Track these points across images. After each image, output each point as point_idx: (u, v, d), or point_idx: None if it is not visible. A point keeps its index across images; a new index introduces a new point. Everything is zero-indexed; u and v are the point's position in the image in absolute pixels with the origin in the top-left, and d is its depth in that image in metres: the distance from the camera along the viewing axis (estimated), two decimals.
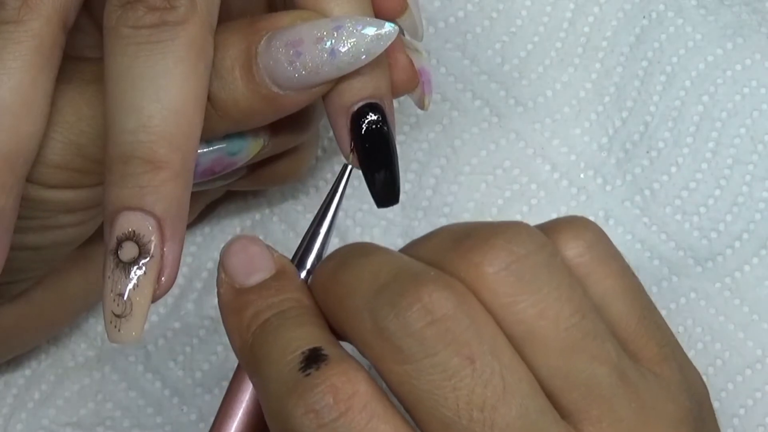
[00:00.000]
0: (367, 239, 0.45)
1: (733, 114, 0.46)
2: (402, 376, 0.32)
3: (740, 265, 0.45)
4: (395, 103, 0.47)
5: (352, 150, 0.36)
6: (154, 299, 0.34)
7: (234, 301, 0.35)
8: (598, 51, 0.47)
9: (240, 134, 0.38)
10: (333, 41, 0.35)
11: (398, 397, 0.32)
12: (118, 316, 0.33)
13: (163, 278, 0.34)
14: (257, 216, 0.46)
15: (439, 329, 0.32)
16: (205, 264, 0.46)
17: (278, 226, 0.46)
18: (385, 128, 0.36)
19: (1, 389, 0.44)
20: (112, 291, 0.33)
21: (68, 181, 0.36)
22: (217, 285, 0.35)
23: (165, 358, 0.45)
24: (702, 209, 0.46)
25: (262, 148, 0.39)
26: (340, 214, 0.46)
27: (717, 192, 0.46)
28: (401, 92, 0.39)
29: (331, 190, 0.37)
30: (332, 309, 0.34)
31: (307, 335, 0.33)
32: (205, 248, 0.46)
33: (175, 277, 0.34)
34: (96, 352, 0.45)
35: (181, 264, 0.45)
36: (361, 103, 0.36)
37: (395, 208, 0.46)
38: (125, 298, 0.33)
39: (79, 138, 0.36)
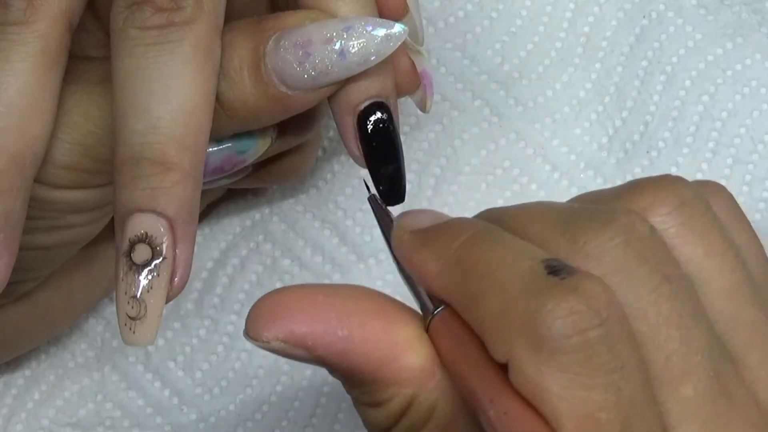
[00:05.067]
0: (367, 239, 0.45)
1: (733, 114, 0.46)
2: None
3: None
4: None
5: (358, 149, 0.36)
6: (168, 300, 0.33)
7: (424, 235, 0.33)
8: (598, 51, 0.47)
9: (248, 133, 0.38)
10: (342, 42, 0.35)
11: None
12: (132, 318, 0.33)
13: (176, 279, 0.34)
14: (257, 216, 0.46)
15: (639, 245, 0.31)
16: (205, 264, 0.46)
17: (278, 226, 0.46)
18: (391, 127, 0.36)
19: (0, 389, 0.44)
20: (125, 293, 0.33)
21: (76, 182, 0.36)
22: (394, 241, 0.33)
23: (165, 359, 0.45)
24: None
25: (270, 146, 0.39)
26: (339, 213, 0.46)
27: None
28: (403, 94, 0.39)
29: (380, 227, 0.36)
30: (510, 231, 0.32)
31: (535, 249, 0.31)
32: (205, 248, 0.46)
33: (187, 278, 0.34)
34: (96, 353, 0.45)
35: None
36: (367, 102, 0.36)
37: (395, 208, 0.46)
38: (139, 300, 0.33)
39: (87, 139, 0.36)
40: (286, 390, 0.44)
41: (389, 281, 0.45)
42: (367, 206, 0.46)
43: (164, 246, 0.33)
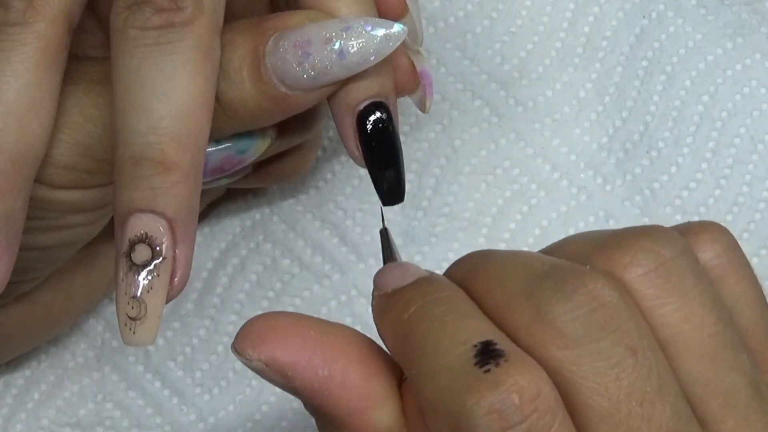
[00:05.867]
0: (367, 239, 0.45)
1: (733, 114, 0.46)
2: (562, 362, 0.31)
3: None
4: None
5: (357, 149, 0.36)
6: (168, 300, 0.34)
7: (386, 301, 0.33)
8: (598, 51, 0.47)
9: (248, 133, 0.38)
10: (342, 42, 0.35)
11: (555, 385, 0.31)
12: (132, 318, 0.33)
13: (176, 279, 0.34)
14: (257, 216, 0.46)
15: (603, 316, 0.31)
16: (205, 264, 0.46)
17: (278, 226, 0.46)
18: (391, 127, 0.36)
19: (0, 389, 0.44)
20: (126, 294, 0.33)
21: (76, 182, 0.36)
22: (372, 304, 0.34)
23: (165, 359, 0.45)
24: (702, 209, 0.46)
25: (269, 146, 0.39)
26: (339, 213, 0.46)
27: (717, 192, 0.46)
28: (402, 94, 0.39)
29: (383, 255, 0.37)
30: (479, 299, 0.32)
31: (474, 327, 0.31)
32: (205, 248, 0.46)
33: (187, 278, 0.34)
34: (96, 353, 0.45)
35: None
36: (366, 102, 0.36)
37: (395, 207, 0.46)
38: (139, 300, 0.33)
39: (87, 139, 0.36)
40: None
41: None
42: (367, 206, 0.46)
43: (164, 246, 0.33)
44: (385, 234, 0.37)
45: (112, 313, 0.45)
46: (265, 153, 0.39)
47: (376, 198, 0.45)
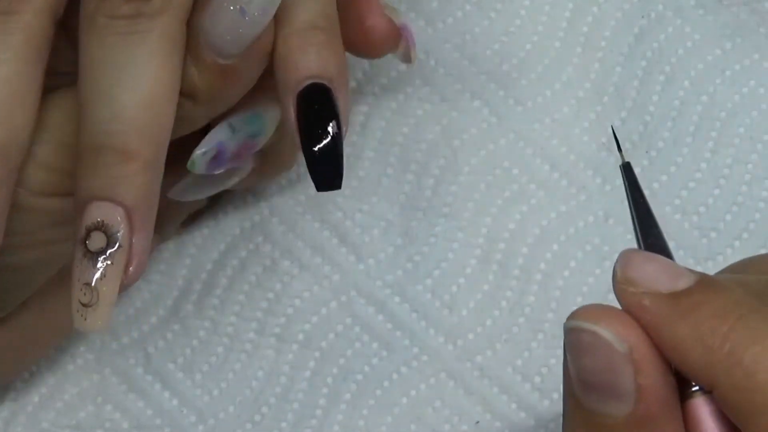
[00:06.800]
0: (366, 240, 0.45)
1: (732, 114, 0.46)
2: None
3: None
4: (393, 103, 0.47)
5: (297, 130, 0.36)
6: (121, 289, 0.34)
7: (674, 307, 0.30)
8: (596, 51, 0.47)
9: (253, 115, 0.38)
10: (236, 1, 0.35)
11: None
12: (84, 305, 0.33)
13: (131, 268, 0.34)
14: (257, 217, 0.46)
15: None
16: (205, 265, 0.45)
17: (278, 228, 0.46)
18: (329, 110, 0.36)
19: (0, 392, 0.44)
20: (79, 280, 0.33)
21: (56, 186, 0.36)
22: (618, 293, 0.31)
23: (165, 360, 0.45)
24: (702, 209, 0.46)
25: (277, 122, 0.39)
26: (339, 214, 0.46)
27: (716, 191, 0.46)
28: (386, 52, 0.40)
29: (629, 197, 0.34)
30: None
31: None
32: (204, 250, 0.46)
33: (143, 268, 0.34)
34: (95, 355, 0.45)
35: (180, 265, 0.45)
36: (307, 83, 0.36)
37: (395, 208, 0.46)
38: (92, 287, 0.33)
39: (69, 138, 0.35)
40: (285, 392, 0.44)
41: (389, 281, 0.45)
42: (367, 207, 0.46)
43: (120, 234, 0.33)
44: (627, 169, 0.34)
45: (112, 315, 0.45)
46: (275, 134, 0.39)
47: (376, 198, 0.46)
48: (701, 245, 0.45)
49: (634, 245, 0.45)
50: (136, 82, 0.33)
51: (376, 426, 0.44)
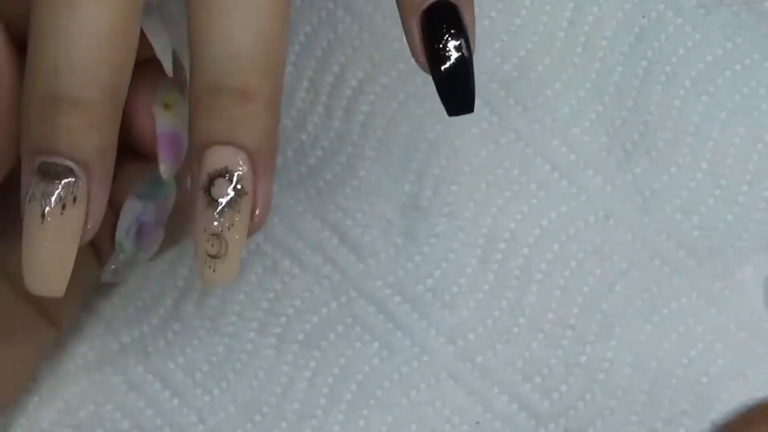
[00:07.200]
0: (367, 240, 0.45)
1: (732, 113, 0.46)
2: None
3: (741, 264, 0.45)
4: (394, 102, 0.47)
5: (422, 54, 0.34)
6: (249, 236, 0.32)
7: None
8: (597, 50, 0.47)
9: (152, 176, 0.36)
10: None
11: None
12: (212, 256, 0.32)
13: (256, 215, 0.32)
14: None
15: None
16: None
17: (278, 228, 0.46)
18: (456, 24, 0.34)
19: None
20: (205, 230, 0.32)
21: None
22: None
23: (165, 360, 0.45)
24: (702, 209, 0.46)
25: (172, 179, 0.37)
26: (339, 214, 0.46)
27: (717, 192, 0.46)
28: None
29: None
30: None
31: None
32: None
33: (268, 215, 0.32)
34: (96, 354, 0.45)
35: (181, 265, 0.45)
36: (431, 1, 0.34)
37: (395, 208, 0.46)
38: (220, 237, 0.32)
39: None
40: (285, 392, 0.44)
41: (389, 281, 0.45)
42: (367, 207, 0.46)
43: (245, 181, 0.32)
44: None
45: (113, 315, 0.45)
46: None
47: (376, 198, 0.45)
48: (702, 245, 0.45)
49: (635, 245, 0.46)
50: (252, 20, 0.31)
51: (377, 426, 0.44)
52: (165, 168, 0.35)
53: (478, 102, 0.47)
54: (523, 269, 0.45)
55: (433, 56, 0.34)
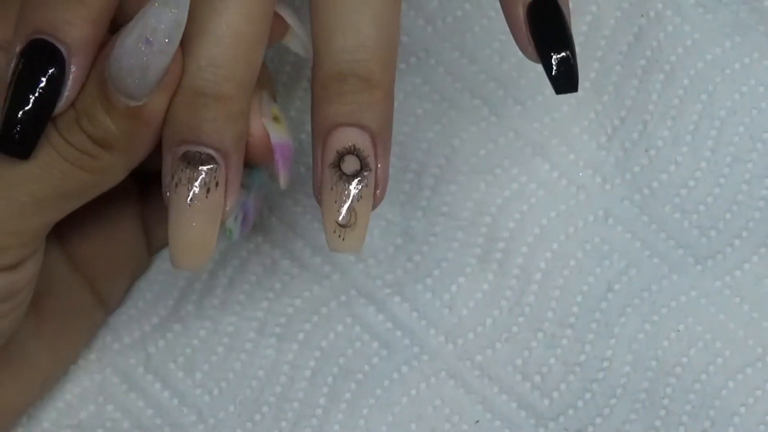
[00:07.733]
0: (366, 239, 0.45)
1: (732, 112, 0.46)
2: None
3: (740, 263, 0.45)
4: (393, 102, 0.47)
5: (529, 41, 0.36)
6: (372, 209, 0.36)
7: None
8: (596, 50, 0.47)
9: (252, 168, 0.39)
10: (140, 32, 0.34)
11: None
12: (342, 226, 0.35)
13: (377, 192, 0.36)
14: (257, 217, 0.46)
15: None
16: (205, 265, 0.46)
17: (278, 227, 0.46)
18: (558, 8, 0.36)
19: None
20: (336, 202, 0.35)
21: (17, 254, 0.36)
22: None
23: (165, 360, 0.45)
24: (701, 207, 0.46)
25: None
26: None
27: (716, 190, 0.46)
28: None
29: None
30: None
31: None
32: None
33: (385, 192, 0.36)
34: (97, 355, 0.45)
35: None
36: None
37: (394, 208, 0.46)
38: (350, 208, 0.35)
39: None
40: (285, 391, 0.44)
41: (389, 281, 0.45)
42: None
43: (370, 158, 0.35)
44: None
45: (113, 315, 0.45)
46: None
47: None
48: (701, 244, 0.45)
49: (634, 244, 0.46)
50: (377, 15, 0.35)
51: (377, 425, 0.44)
52: (284, 176, 0.38)
53: (476, 101, 0.47)
54: (523, 268, 0.45)
55: (544, 43, 0.36)
